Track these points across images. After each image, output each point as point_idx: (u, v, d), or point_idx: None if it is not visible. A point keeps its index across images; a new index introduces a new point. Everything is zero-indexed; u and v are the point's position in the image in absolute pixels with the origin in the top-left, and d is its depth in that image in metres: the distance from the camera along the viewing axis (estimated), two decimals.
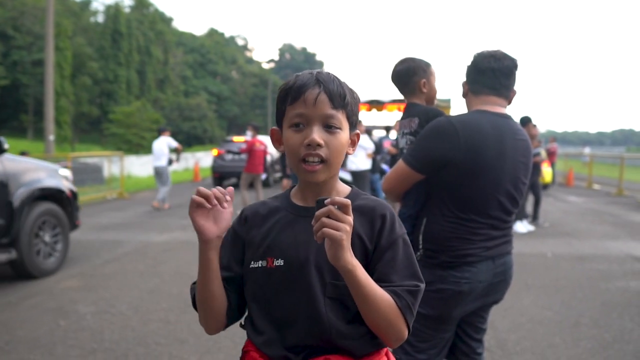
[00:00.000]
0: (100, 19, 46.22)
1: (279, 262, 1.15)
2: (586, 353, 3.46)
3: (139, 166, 19.16)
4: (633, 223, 9.19)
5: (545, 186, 15.10)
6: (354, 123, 1.18)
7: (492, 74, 2.09)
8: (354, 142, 1.20)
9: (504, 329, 3.89)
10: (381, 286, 1.08)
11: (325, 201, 0.97)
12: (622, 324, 4.02)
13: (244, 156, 13.87)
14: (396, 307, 1.07)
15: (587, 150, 24.71)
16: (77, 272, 5.46)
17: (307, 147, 1.10)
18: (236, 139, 15.91)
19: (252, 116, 58.16)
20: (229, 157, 14.87)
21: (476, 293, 2.00)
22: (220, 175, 15.24)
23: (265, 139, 9.96)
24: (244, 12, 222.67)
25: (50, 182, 5.52)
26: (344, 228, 0.97)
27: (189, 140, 40.78)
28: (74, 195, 5.91)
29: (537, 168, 8.81)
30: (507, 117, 2.10)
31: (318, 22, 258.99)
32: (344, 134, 1.14)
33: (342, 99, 1.12)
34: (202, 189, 1.10)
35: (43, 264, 5.28)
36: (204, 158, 26.64)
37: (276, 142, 1.22)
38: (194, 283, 1.21)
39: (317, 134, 1.09)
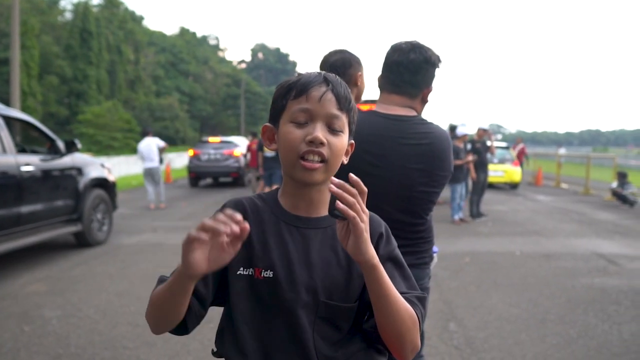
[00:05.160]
0: (68, 17, 45.09)
1: (268, 273, 1.06)
2: (552, 349, 3.54)
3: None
4: (598, 221, 9.43)
5: (515, 185, 15.39)
6: (352, 131, 1.13)
7: (395, 68, 1.90)
8: (347, 153, 1.14)
9: (473, 327, 3.94)
10: None
11: (350, 179, 0.89)
12: (586, 320, 4.12)
13: (219, 156, 14.53)
14: (414, 313, 1.02)
15: (562, 151, 24.93)
16: (43, 276, 5.33)
17: (309, 144, 1.03)
18: (212, 139, 16.06)
19: (225, 116, 57.63)
20: (205, 157, 15.02)
21: None
22: (196, 175, 15.54)
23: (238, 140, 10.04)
24: (216, 11, 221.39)
25: (99, 173, 7.11)
26: (364, 218, 0.90)
27: None
28: (114, 184, 7.56)
29: None
30: (400, 120, 1.87)
31: (291, 22, 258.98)
32: (345, 138, 1.09)
33: (348, 103, 1.09)
34: (208, 223, 0.87)
35: (97, 235, 6.91)
36: (176, 159, 26.31)
37: (268, 139, 1.14)
38: (160, 280, 1.09)
39: (321, 132, 1.04)
